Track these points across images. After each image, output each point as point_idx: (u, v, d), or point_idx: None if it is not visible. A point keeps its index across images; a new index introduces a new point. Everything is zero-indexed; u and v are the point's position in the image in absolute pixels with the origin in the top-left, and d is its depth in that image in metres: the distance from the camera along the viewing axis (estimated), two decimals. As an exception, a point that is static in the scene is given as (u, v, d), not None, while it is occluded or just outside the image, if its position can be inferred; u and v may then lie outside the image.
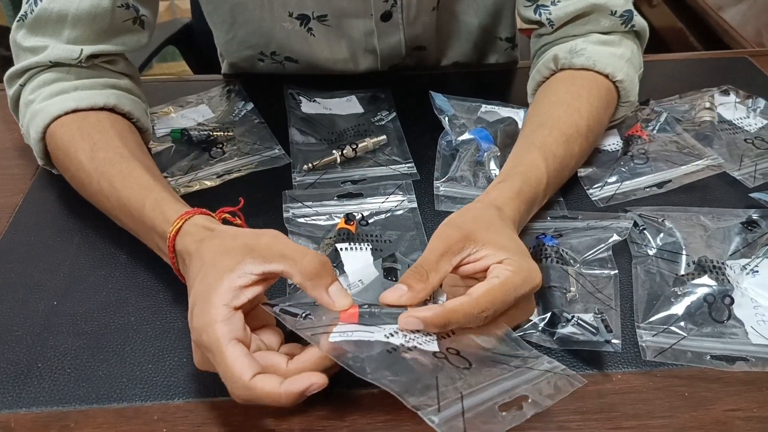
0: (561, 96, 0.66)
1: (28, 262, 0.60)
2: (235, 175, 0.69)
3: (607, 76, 0.67)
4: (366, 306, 0.47)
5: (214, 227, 0.50)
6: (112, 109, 0.64)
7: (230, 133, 0.72)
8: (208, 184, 0.68)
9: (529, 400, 0.42)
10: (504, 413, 0.40)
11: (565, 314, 0.51)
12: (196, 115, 0.76)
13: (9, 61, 0.67)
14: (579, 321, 0.50)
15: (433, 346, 0.44)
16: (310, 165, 0.69)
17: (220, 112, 0.77)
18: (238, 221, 0.55)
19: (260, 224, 0.62)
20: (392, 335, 0.44)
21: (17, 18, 0.64)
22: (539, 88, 0.71)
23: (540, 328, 0.51)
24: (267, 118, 0.77)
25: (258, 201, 0.65)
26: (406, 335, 0.45)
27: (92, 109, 0.63)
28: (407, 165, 0.71)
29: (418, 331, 0.45)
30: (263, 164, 0.70)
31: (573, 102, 0.65)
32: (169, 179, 0.68)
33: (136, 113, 0.66)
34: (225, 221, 0.54)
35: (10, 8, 1.42)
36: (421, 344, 0.44)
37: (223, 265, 0.45)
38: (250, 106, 0.78)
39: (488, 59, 0.95)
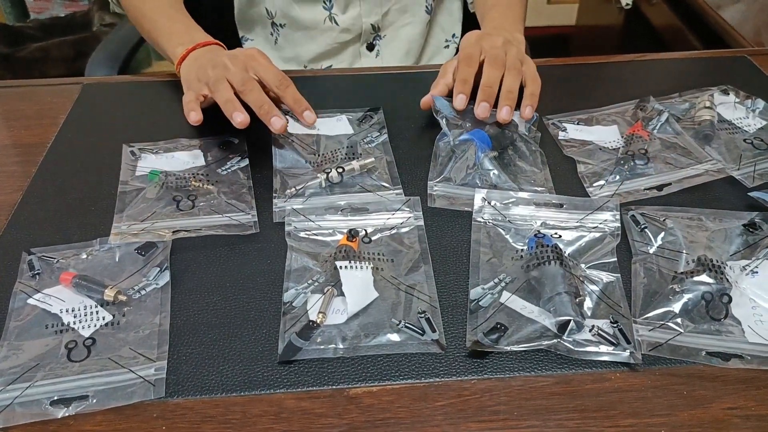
0: None
1: (27, 259, 0.59)
2: (193, 234, 0.60)
3: None
4: None
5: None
6: None
7: (210, 187, 0.66)
8: (158, 237, 0.60)
9: None
10: None
11: (580, 322, 0.51)
12: (187, 158, 0.71)
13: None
14: (599, 331, 0.51)
15: None
16: (292, 190, 0.66)
17: (212, 163, 0.71)
18: None
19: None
20: None
21: None
22: None
23: (565, 337, 0.50)
24: (250, 144, 0.73)
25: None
26: None
27: None
28: (396, 191, 0.66)
29: None
30: (227, 229, 0.62)
31: None
32: (122, 225, 0.61)
33: None
34: None
35: (8, 6, 1.41)
36: None
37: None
38: (245, 162, 0.71)
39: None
